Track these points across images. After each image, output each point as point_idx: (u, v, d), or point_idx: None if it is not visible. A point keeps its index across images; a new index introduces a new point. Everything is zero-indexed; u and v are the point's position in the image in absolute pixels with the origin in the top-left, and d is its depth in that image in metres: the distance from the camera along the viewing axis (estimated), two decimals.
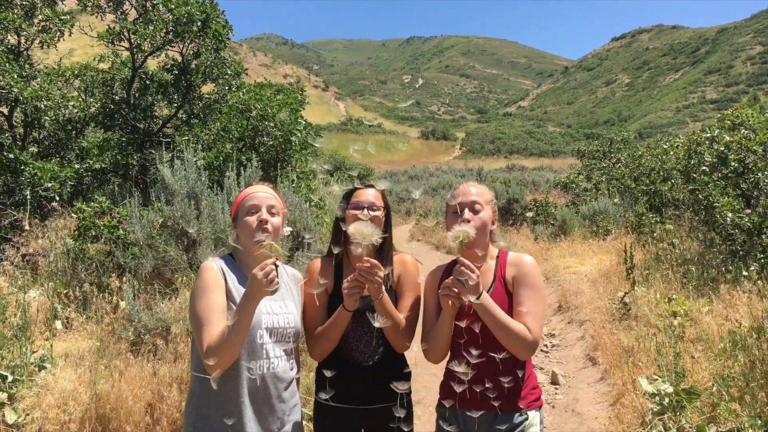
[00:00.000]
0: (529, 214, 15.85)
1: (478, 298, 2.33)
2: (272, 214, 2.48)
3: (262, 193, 2.51)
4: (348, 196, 2.75)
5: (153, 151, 8.31)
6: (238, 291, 2.39)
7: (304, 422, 2.67)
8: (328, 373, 2.51)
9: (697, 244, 8.51)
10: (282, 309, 2.49)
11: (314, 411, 2.74)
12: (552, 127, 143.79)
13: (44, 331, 5.20)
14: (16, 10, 8.09)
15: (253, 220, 2.44)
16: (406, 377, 2.74)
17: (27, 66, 8.12)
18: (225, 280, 2.39)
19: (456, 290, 2.33)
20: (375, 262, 2.37)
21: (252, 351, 2.36)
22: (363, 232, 2.36)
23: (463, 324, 2.49)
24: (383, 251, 2.69)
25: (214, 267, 2.39)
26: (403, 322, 2.59)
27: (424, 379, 6.17)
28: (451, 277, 2.34)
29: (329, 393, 2.54)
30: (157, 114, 9.63)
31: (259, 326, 2.37)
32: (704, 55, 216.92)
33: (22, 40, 8.24)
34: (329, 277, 2.70)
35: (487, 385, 2.46)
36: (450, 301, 2.37)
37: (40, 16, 8.25)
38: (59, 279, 6.02)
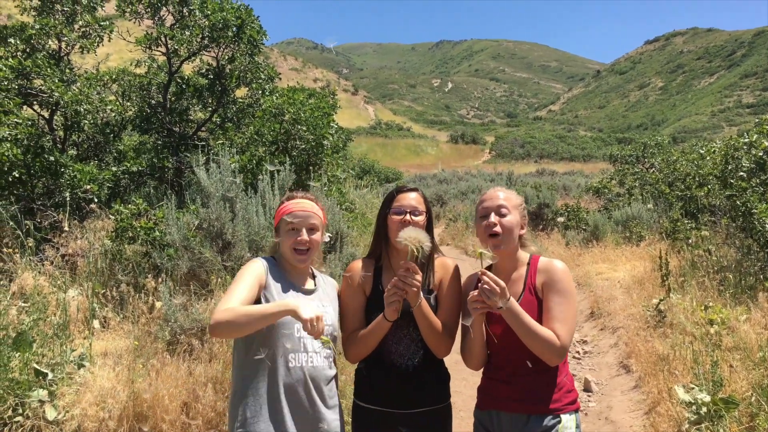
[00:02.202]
0: (560, 220, 15.68)
1: (504, 305, 2.34)
2: (312, 230, 2.59)
3: (302, 212, 2.58)
4: (390, 199, 2.74)
5: (188, 155, 8.44)
6: (276, 288, 2.51)
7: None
8: (366, 375, 2.55)
9: (734, 251, 8.34)
10: (320, 309, 2.53)
11: (352, 413, 2.72)
12: (583, 131, 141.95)
13: (83, 330, 5.32)
14: (57, 16, 8.30)
15: (291, 243, 2.56)
16: (445, 380, 2.73)
17: (67, 71, 8.31)
18: (267, 277, 2.51)
19: (482, 299, 2.35)
20: (413, 265, 2.38)
21: (291, 343, 2.43)
22: (413, 237, 2.38)
23: (496, 330, 2.51)
24: (426, 256, 2.67)
25: (258, 261, 2.55)
26: (440, 327, 2.57)
27: (455, 384, 6.12)
28: (477, 289, 2.37)
29: (368, 396, 2.57)
30: (192, 118, 9.79)
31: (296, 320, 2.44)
32: (740, 58, 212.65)
33: (63, 46, 8.45)
34: (368, 279, 2.71)
35: (519, 388, 2.48)
36: (479, 310, 2.39)
37: (80, 22, 8.44)
38: (97, 279, 6.15)
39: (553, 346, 2.38)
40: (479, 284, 2.35)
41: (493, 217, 2.56)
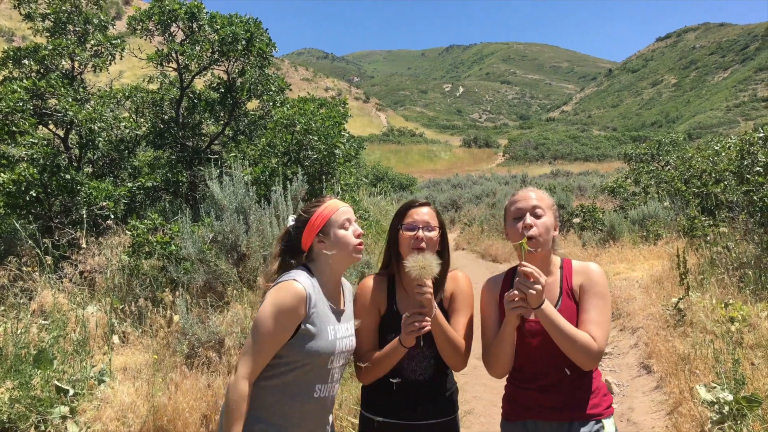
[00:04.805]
0: (576, 220, 15.57)
1: (539, 306, 2.25)
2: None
3: (346, 207, 2.47)
4: (401, 214, 2.62)
5: (201, 168, 8.52)
6: (319, 318, 2.36)
7: None
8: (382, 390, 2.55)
9: (754, 247, 8.23)
10: (348, 331, 2.49)
11: (359, 425, 2.68)
12: (597, 130, 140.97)
13: (102, 346, 5.37)
14: (69, 36, 8.43)
15: (350, 236, 2.43)
16: (453, 393, 2.69)
17: (81, 90, 8.43)
18: (309, 308, 2.33)
19: (521, 298, 2.24)
20: (424, 282, 2.33)
21: (321, 375, 2.39)
22: (421, 264, 2.31)
23: (534, 341, 2.42)
24: (439, 272, 2.50)
25: (297, 297, 2.30)
26: (460, 339, 2.51)
27: (475, 390, 6.13)
28: (514, 288, 2.26)
29: (375, 407, 2.58)
30: (204, 132, 9.88)
31: (333, 353, 2.37)
32: (754, 52, 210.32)
33: (76, 65, 8.58)
34: (382, 297, 2.64)
35: (559, 396, 2.41)
36: (516, 312, 2.27)
37: (92, 42, 8.58)
38: (115, 294, 6.21)
39: (590, 351, 2.29)
40: (516, 280, 2.26)
41: (529, 219, 2.41)
